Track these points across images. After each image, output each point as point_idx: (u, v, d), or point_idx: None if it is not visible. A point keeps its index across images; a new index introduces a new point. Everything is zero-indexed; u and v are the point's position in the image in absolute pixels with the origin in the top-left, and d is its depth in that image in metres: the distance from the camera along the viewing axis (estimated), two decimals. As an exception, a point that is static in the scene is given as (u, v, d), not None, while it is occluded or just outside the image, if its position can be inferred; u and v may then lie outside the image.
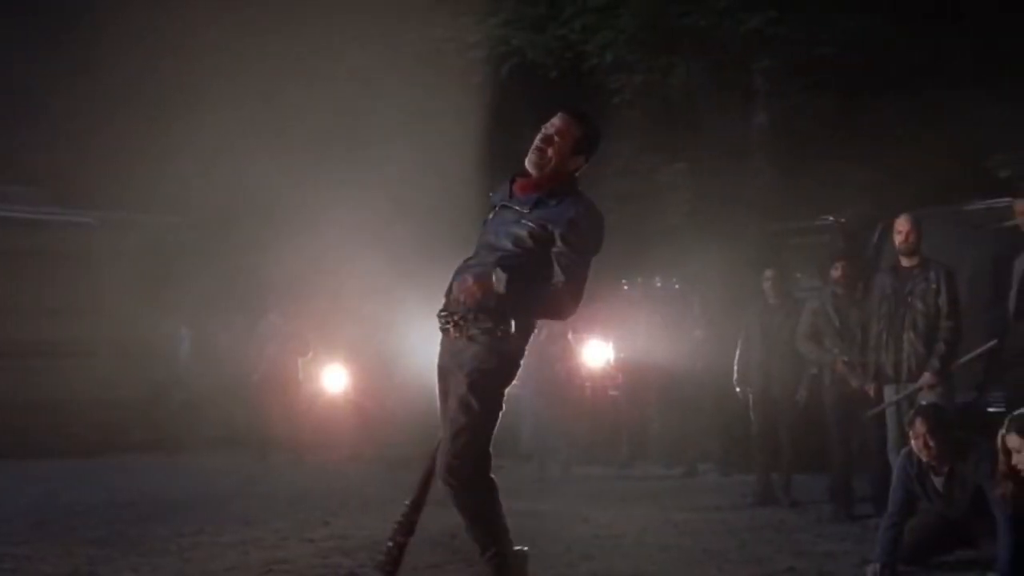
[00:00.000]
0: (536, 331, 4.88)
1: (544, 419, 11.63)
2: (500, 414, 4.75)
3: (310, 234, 12.63)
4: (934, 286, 7.70)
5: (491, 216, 4.87)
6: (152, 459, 12.76)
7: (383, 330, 12.18)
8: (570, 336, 11.87)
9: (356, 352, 13.21)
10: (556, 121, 4.83)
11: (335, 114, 12.82)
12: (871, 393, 8.06)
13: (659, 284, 12.88)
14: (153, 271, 13.81)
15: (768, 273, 9.71)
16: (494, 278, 4.60)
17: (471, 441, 4.65)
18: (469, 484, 4.67)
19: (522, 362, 4.80)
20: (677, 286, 12.84)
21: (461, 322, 4.69)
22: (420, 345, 10.58)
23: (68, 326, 13.49)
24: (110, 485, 10.63)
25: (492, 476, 4.75)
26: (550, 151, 4.79)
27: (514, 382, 4.80)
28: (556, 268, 4.65)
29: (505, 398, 4.76)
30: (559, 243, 4.65)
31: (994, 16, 13.04)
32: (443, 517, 7.58)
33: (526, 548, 4.91)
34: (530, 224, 4.68)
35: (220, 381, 13.85)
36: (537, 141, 4.82)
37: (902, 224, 7.88)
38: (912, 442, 6.41)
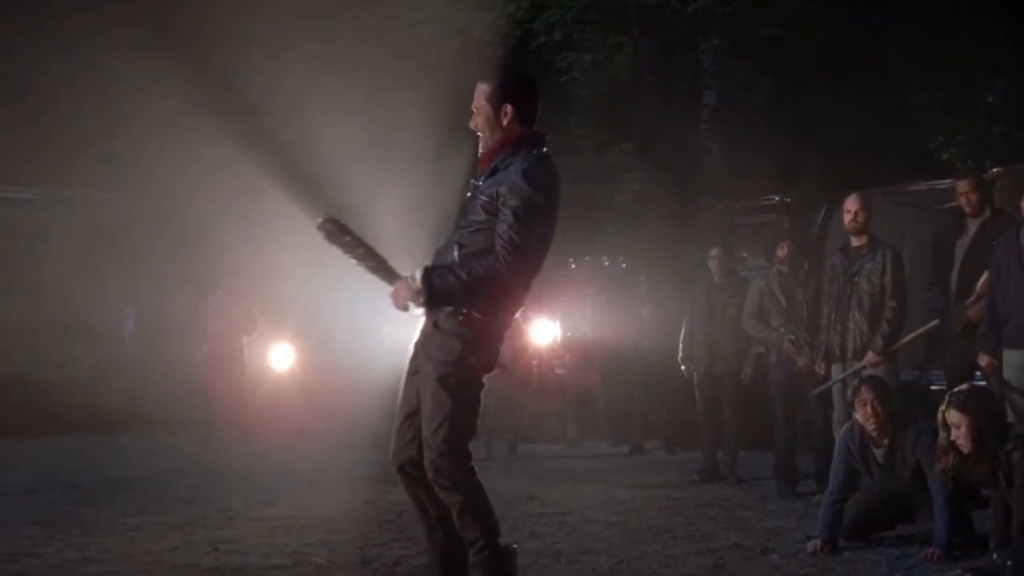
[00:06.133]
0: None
1: (491, 398, 11.64)
2: (477, 404, 4.71)
3: (257, 210, 12.51)
4: (880, 266, 7.79)
5: (468, 196, 4.84)
6: (96, 439, 12.61)
7: (330, 308, 12.10)
8: (518, 315, 11.87)
9: (303, 330, 13.13)
10: (474, 98, 4.84)
11: (283, 93, 12.69)
12: (819, 371, 8.15)
13: (607, 263, 12.92)
14: (97, 248, 13.61)
15: (714, 252, 9.76)
16: (409, 280, 4.58)
17: (450, 436, 4.58)
18: (454, 479, 4.60)
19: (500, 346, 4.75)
20: (624, 265, 12.88)
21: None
22: (368, 325, 10.57)
23: (11, 303, 13.27)
24: (53, 465, 10.52)
25: (474, 468, 4.69)
26: (479, 123, 4.81)
27: None
28: (496, 242, 4.58)
29: (482, 386, 4.71)
30: (502, 210, 4.58)
31: (937, 3, 13.20)
32: (390, 495, 7.63)
33: (515, 545, 4.89)
34: (482, 197, 4.65)
35: (165, 360, 13.71)
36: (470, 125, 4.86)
37: (851, 204, 7.95)
38: (858, 411, 6.49)
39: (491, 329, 4.70)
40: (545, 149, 4.80)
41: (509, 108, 4.76)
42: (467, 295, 4.58)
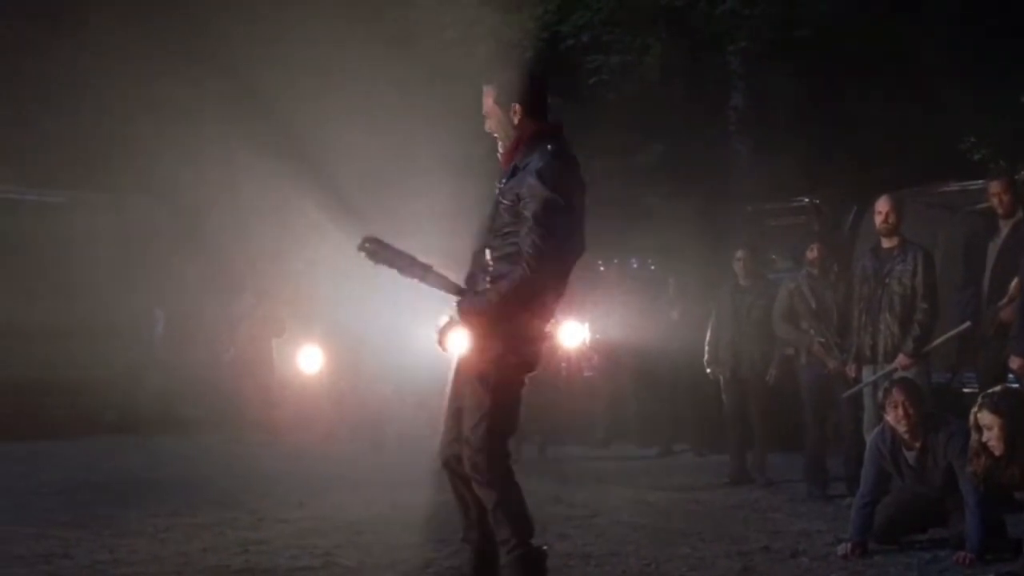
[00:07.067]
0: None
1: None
2: (517, 403, 4.74)
3: (285, 214, 12.58)
4: (911, 267, 7.74)
5: (495, 199, 4.87)
6: (126, 440, 12.69)
7: (360, 310, 12.13)
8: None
9: (332, 333, 13.16)
10: (483, 103, 4.87)
11: (308, 99, 12.74)
12: (851, 374, 8.10)
13: (635, 265, 12.88)
14: (127, 251, 13.71)
15: (739, 254, 9.73)
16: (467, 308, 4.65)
17: (488, 434, 4.63)
18: (491, 476, 4.65)
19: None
20: (653, 267, 12.84)
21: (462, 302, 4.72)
22: (398, 327, 10.58)
23: (41, 306, 13.37)
24: (83, 467, 10.58)
25: (511, 468, 4.72)
26: (492, 127, 4.85)
27: None
28: (522, 247, 4.59)
29: (522, 385, 4.74)
30: (524, 214, 4.61)
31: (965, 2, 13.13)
32: (419, 498, 7.63)
33: (546, 546, 4.91)
34: (505, 201, 4.70)
35: (194, 362, 13.78)
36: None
37: (882, 205, 7.91)
38: (890, 413, 6.45)
39: (531, 329, 4.71)
40: (561, 140, 4.80)
41: (518, 107, 4.78)
42: (506, 309, 4.61)
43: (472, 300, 4.67)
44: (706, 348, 9.81)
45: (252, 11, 12.57)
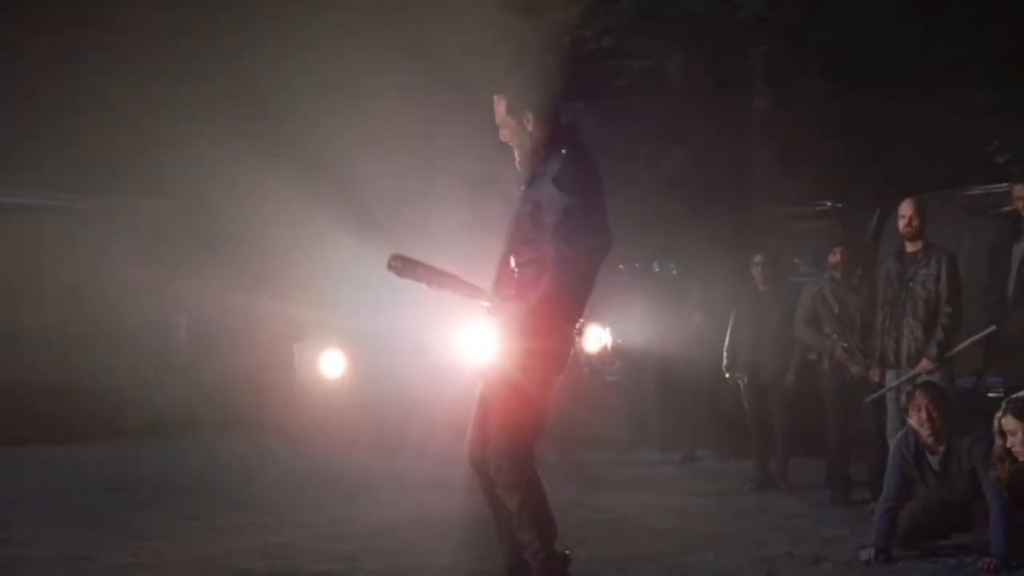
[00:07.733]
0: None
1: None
2: (543, 407, 4.75)
3: (306, 217, 12.60)
4: (935, 271, 7.69)
5: (517, 206, 4.88)
6: (147, 444, 12.73)
7: (382, 314, 12.14)
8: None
9: (354, 337, 13.17)
10: (495, 113, 4.87)
11: (320, 102, 12.76)
12: (875, 378, 8.06)
13: (657, 269, 12.84)
14: (149, 256, 13.77)
15: (757, 258, 9.69)
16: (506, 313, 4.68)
17: (514, 437, 4.65)
18: (515, 479, 4.67)
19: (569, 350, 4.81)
20: (675, 271, 12.80)
21: (492, 310, 4.76)
22: (421, 331, 10.58)
23: (64, 311, 13.44)
24: (104, 470, 10.61)
25: (536, 472, 4.73)
26: (507, 136, 4.87)
27: None
28: (547, 255, 4.61)
29: (549, 389, 4.75)
30: (545, 222, 4.63)
31: (990, 4, 13.06)
32: (444, 502, 7.63)
33: (568, 551, 4.91)
34: (525, 208, 4.72)
35: (216, 366, 13.82)
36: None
37: (905, 208, 7.86)
38: (913, 416, 6.41)
39: (559, 332, 4.71)
40: (577, 142, 4.81)
41: (530, 115, 4.78)
42: (538, 318, 4.62)
43: (505, 309, 4.66)
44: (725, 353, 9.78)
45: (276, 21, 12.63)
